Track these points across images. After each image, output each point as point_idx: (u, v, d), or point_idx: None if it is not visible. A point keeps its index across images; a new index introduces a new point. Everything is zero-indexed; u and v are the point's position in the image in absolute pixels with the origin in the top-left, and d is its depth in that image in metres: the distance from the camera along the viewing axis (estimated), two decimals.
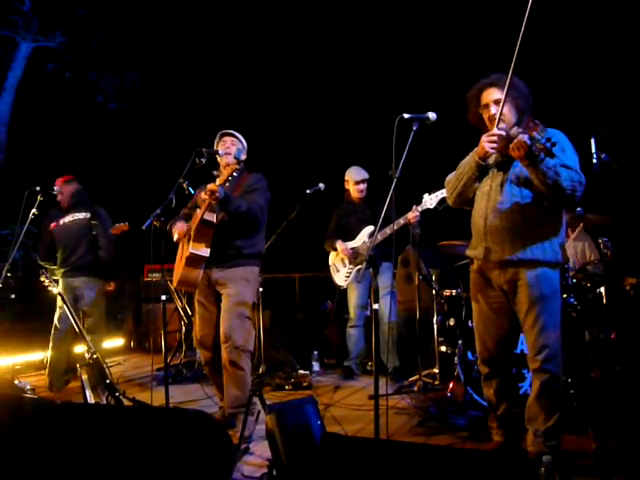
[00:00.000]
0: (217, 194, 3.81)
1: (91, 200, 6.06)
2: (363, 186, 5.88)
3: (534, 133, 2.84)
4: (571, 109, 7.48)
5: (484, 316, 3.45)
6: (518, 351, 4.12)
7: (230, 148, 4.25)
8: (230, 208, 3.96)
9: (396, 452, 2.34)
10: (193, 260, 4.02)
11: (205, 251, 4.00)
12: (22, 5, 10.36)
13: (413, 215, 5.17)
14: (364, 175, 5.89)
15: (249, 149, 4.46)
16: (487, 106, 3.33)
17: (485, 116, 3.36)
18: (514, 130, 3.13)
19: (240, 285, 4.13)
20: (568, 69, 8.00)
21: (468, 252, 3.53)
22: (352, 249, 5.78)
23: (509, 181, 3.25)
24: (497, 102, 3.25)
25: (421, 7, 9.61)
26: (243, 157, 4.33)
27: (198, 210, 4.16)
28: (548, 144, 2.80)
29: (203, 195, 3.91)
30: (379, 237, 5.16)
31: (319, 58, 10.56)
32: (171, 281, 6.24)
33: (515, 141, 2.95)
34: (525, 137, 2.89)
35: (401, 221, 5.20)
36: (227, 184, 3.91)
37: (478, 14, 8.99)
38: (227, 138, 4.32)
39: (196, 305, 4.35)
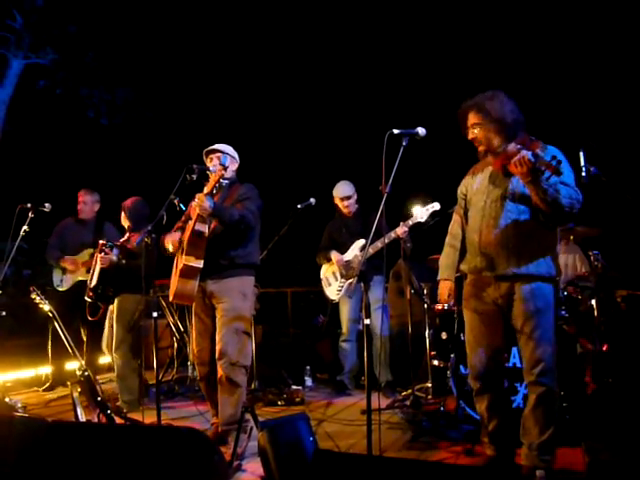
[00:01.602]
0: (205, 205, 3.79)
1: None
2: (348, 202, 5.87)
3: (537, 150, 2.90)
4: (560, 123, 7.53)
5: (477, 330, 3.46)
6: (510, 364, 4.12)
7: (217, 165, 4.23)
8: (223, 218, 3.95)
9: (388, 468, 2.34)
10: (187, 272, 3.99)
11: (198, 262, 3.97)
12: (13, 22, 10.37)
13: (402, 230, 5.18)
14: (347, 192, 5.87)
15: (241, 164, 4.45)
16: (469, 130, 3.39)
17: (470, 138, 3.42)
18: (512, 146, 3.17)
19: (236, 299, 4.11)
20: (557, 83, 8.06)
21: (462, 267, 3.56)
22: (346, 261, 5.77)
23: (504, 197, 3.29)
24: (474, 126, 3.33)
25: (410, 23, 9.68)
26: (232, 165, 4.32)
27: (190, 222, 4.16)
28: (554, 162, 2.84)
29: (193, 206, 3.90)
30: (370, 251, 5.15)
31: (310, 73, 10.61)
32: (163, 297, 6.29)
33: (518, 157, 2.98)
34: (529, 154, 2.93)
35: (392, 235, 5.20)
36: (214, 191, 3.91)
37: (467, 29, 9.05)
38: (212, 155, 4.30)
39: (193, 319, 4.33)
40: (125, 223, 5.61)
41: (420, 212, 5.11)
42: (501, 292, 3.31)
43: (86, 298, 5.46)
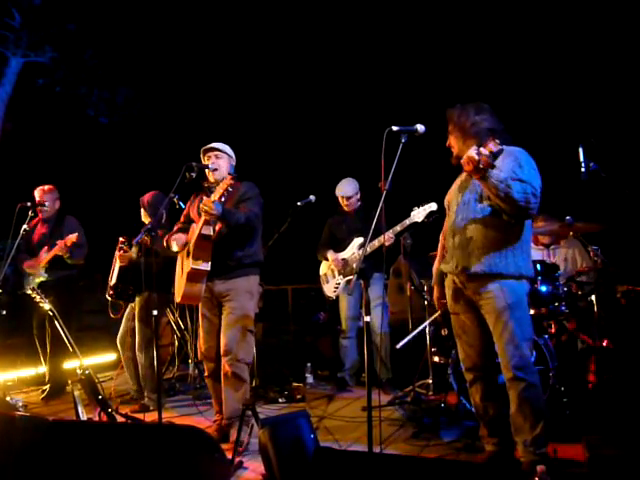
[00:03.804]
0: (214, 211, 3.82)
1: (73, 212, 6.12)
2: (351, 201, 5.87)
3: (481, 149, 3.01)
4: (559, 119, 7.53)
5: (462, 327, 3.57)
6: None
7: (216, 163, 4.25)
8: (230, 222, 4.00)
9: (389, 465, 2.34)
10: (195, 275, 4.05)
11: (206, 265, 4.03)
12: (12, 20, 10.34)
13: (388, 237, 5.19)
14: (351, 192, 5.86)
15: (240, 162, 4.46)
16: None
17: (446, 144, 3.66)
18: (470, 150, 3.27)
19: (243, 298, 4.17)
20: (556, 79, 8.06)
21: (442, 267, 3.67)
22: (343, 260, 5.77)
23: (473, 199, 3.42)
24: (448, 133, 3.59)
25: (410, 19, 9.67)
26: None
27: (194, 224, 4.18)
28: (490, 158, 2.97)
29: (200, 209, 3.91)
30: (368, 249, 5.16)
31: (309, 69, 10.59)
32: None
33: (464, 157, 3.10)
34: (473, 152, 3.04)
35: (376, 243, 5.24)
36: (223, 199, 3.93)
37: (467, 25, 9.04)
38: (211, 154, 4.31)
39: (200, 318, 4.37)
40: (146, 219, 5.43)
41: (417, 212, 5.12)
42: (474, 290, 3.40)
43: (107, 297, 5.43)
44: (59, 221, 6.06)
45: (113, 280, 5.34)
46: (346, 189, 5.89)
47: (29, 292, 5.76)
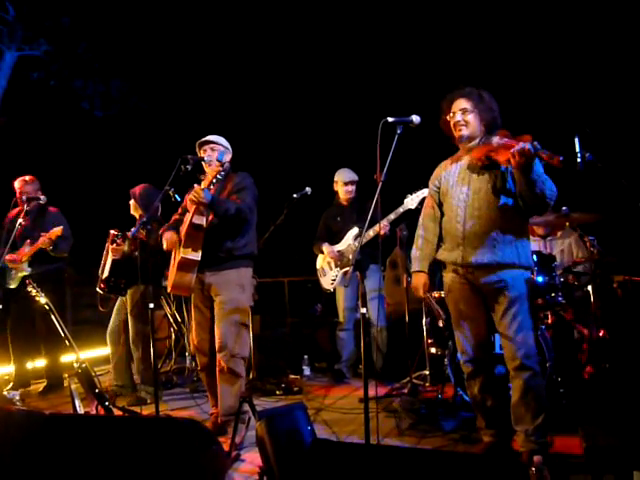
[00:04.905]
0: (202, 199, 3.80)
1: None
2: (352, 187, 5.89)
3: (535, 142, 2.97)
4: (555, 108, 7.51)
5: (463, 318, 3.54)
6: (500, 351, 4.12)
7: (212, 155, 4.22)
8: (219, 211, 3.94)
9: (386, 457, 2.34)
10: (185, 264, 4.00)
11: (196, 255, 3.98)
12: (6, 14, 10.29)
13: (384, 225, 5.19)
14: (353, 177, 5.90)
15: (236, 154, 4.44)
16: (454, 114, 3.49)
17: (451, 122, 3.51)
18: (496, 139, 3.26)
19: (234, 291, 4.12)
20: (552, 68, 8.04)
21: (441, 256, 3.61)
22: (338, 252, 5.78)
23: (486, 188, 3.37)
24: (463, 111, 3.44)
25: (404, 9, 9.64)
26: (227, 158, 4.30)
27: (188, 214, 4.15)
28: (548, 152, 2.95)
29: (190, 197, 3.90)
30: (363, 240, 5.16)
31: (304, 61, 10.56)
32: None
33: (518, 148, 3.02)
34: (528, 145, 2.99)
35: (371, 233, 5.24)
36: (212, 187, 3.90)
37: (463, 16, 9.02)
38: (206, 147, 4.29)
39: (192, 310, 4.33)
40: (136, 212, 5.38)
41: (410, 199, 5.11)
42: (484, 280, 3.38)
43: (98, 290, 5.39)
44: (41, 213, 5.93)
45: (105, 273, 5.30)
46: (349, 174, 5.93)
47: (12, 286, 5.76)
